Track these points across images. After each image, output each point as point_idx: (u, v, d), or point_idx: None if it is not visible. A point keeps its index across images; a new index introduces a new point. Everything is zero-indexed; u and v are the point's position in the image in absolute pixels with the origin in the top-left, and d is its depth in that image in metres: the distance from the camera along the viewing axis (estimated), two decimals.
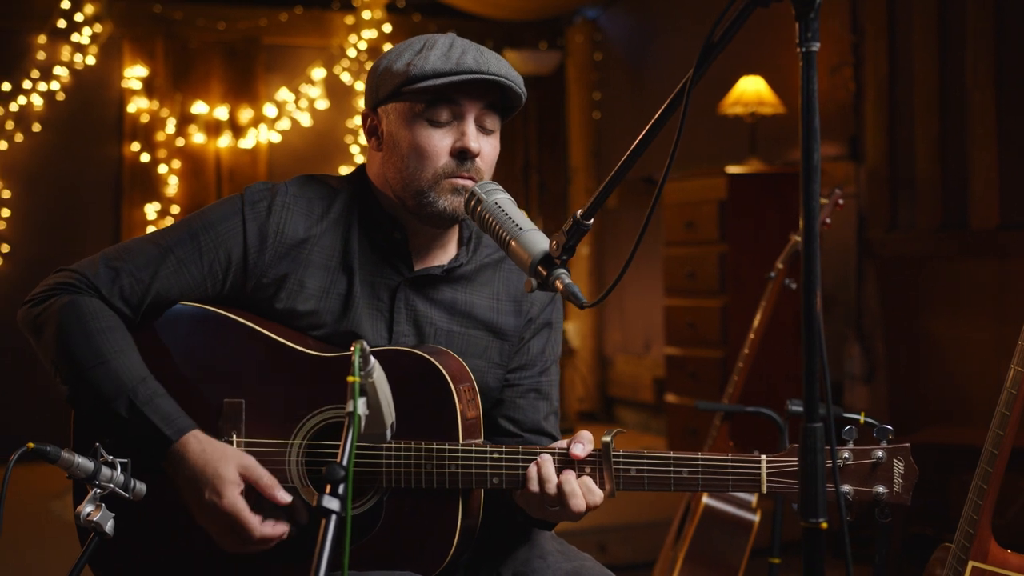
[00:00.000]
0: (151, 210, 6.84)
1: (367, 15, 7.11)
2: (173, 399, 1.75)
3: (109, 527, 1.59)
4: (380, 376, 1.49)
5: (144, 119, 6.85)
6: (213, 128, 7.03)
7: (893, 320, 5.06)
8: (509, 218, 1.66)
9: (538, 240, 1.62)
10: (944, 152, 4.81)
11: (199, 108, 6.97)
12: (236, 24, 7.06)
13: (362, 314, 1.85)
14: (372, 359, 1.46)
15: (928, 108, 4.85)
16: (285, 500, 1.72)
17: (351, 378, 1.39)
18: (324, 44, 7.22)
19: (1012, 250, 4.49)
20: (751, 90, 5.37)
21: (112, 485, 1.61)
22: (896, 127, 5.06)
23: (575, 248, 1.60)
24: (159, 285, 1.82)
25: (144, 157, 6.84)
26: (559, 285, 1.58)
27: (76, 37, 6.58)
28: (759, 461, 1.67)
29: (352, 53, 7.16)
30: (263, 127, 7.08)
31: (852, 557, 1.39)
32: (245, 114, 7.07)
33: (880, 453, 1.65)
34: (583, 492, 1.70)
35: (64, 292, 1.79)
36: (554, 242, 1.60)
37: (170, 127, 6.88)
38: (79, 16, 6.55)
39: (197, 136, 6.97)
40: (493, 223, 1.67)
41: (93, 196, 6.85)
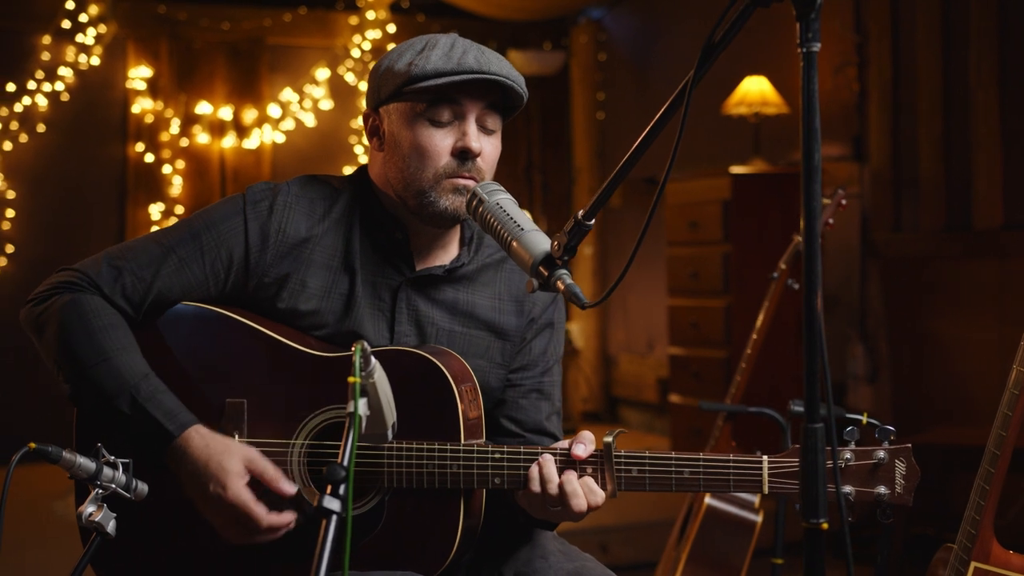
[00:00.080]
0: (155, 210, 6.84)
1: (371, 15, 7.11)
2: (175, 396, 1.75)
3: (111, 527, 1.60)
4: (381, 376, 1.49)
5: (148, 119, 6.85)
6: (217, 128, 7.04)
7: (897, 320, 5.05)
8: (510, 218, 1.66)
9: (539, 240, 1.62)
10: (948, 152, 4.81)
11: (203, 108, 6.98)
12: (240, 24, 7.06)
13: (364, 314, 1.85)
14: (373, 359, 1.46)
15: (932, 108, 4.85)
16: (290, 491, 1.71)
17: (352, 379, 1.39)
18: (328, 44, 7.22)
19: (1016, 250, 4.48)
20: (755, 90, 5.37)
21: (114, 485, 1.61)
22: (900, 127, 5.05)
23: (576, 248, 1.60)
24: (161, 284, 1.82)
25: (148, 157, 6.84)
26: (560, 286, 1.58)
27: (80, 38, 6.59)
28: (761, 462, 1.67)
29: (356, 53, 7.16)
30: (267, 127, 7.08)
31: (854, 557, 1.39)
32: (249, 114, 7.07)
33: (882, 454, 1.65)
34: (584, 492, 1.70)
35: (66, 291, 1.80)
36: (555, 242, 1.60)
37: (174, 127, 6.89)
38: (83, 17, 6.56)
39: (201, 136, 6.97)
40: (494, 223, 1.67)
41: (97, 196, 6.86)
